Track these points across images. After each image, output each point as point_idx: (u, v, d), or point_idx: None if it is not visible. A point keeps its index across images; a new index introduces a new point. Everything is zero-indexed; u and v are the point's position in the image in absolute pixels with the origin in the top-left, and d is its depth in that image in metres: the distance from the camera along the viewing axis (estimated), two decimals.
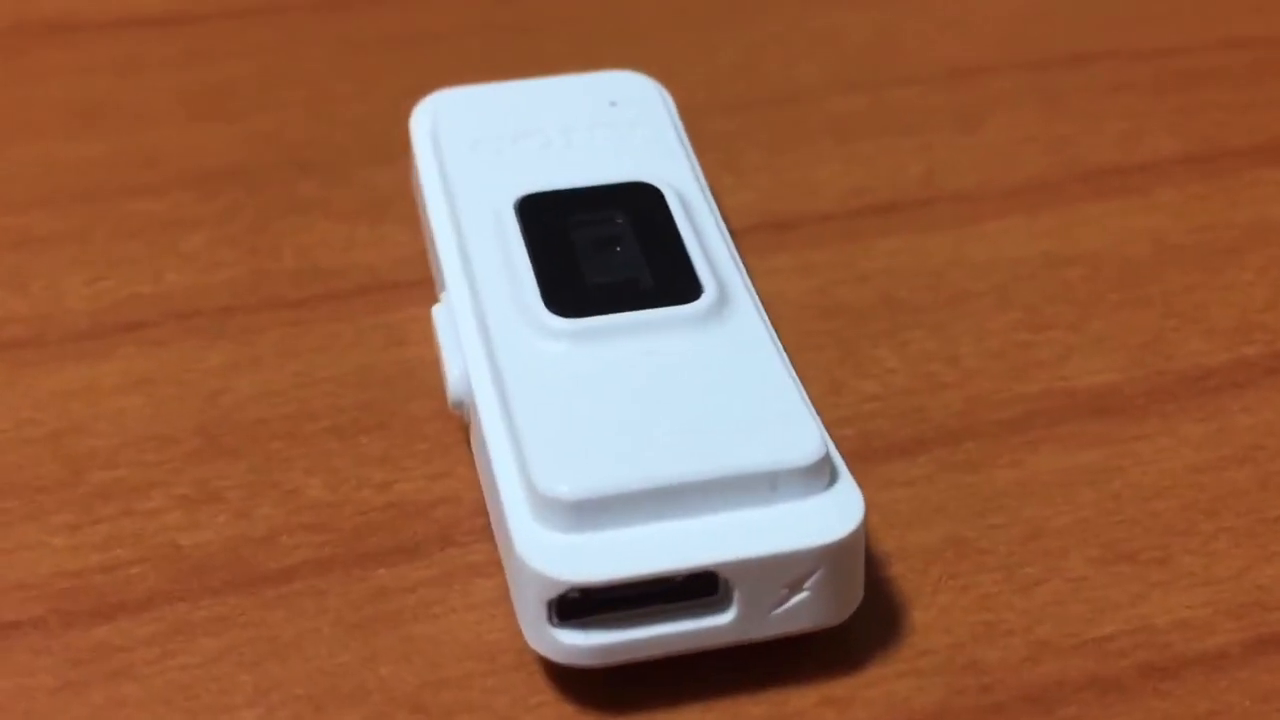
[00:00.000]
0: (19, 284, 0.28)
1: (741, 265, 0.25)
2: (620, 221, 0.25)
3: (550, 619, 0.21)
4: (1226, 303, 0.28)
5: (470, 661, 0.22)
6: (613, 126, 0.28)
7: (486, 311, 0.24)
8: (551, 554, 0.21)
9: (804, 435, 0.22)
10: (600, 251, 0.25)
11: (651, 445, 0.22)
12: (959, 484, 0.25)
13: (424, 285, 0.29)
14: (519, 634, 0.22)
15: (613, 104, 0.28)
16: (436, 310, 0.26)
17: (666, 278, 0.24)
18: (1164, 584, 0.23)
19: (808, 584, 0.21)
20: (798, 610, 0.22)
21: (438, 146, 0.27)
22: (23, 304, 0.28)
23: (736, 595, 0.21)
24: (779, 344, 0.24)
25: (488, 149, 0.27)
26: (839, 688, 0.22)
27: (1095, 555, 0.24)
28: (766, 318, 0.24)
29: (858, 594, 0.22)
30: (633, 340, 0.23)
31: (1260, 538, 0.24)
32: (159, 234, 0.29)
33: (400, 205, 0.30)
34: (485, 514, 0.24)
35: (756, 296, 0.25)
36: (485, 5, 0.36)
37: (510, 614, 0.23)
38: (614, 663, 0.21)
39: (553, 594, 0.21)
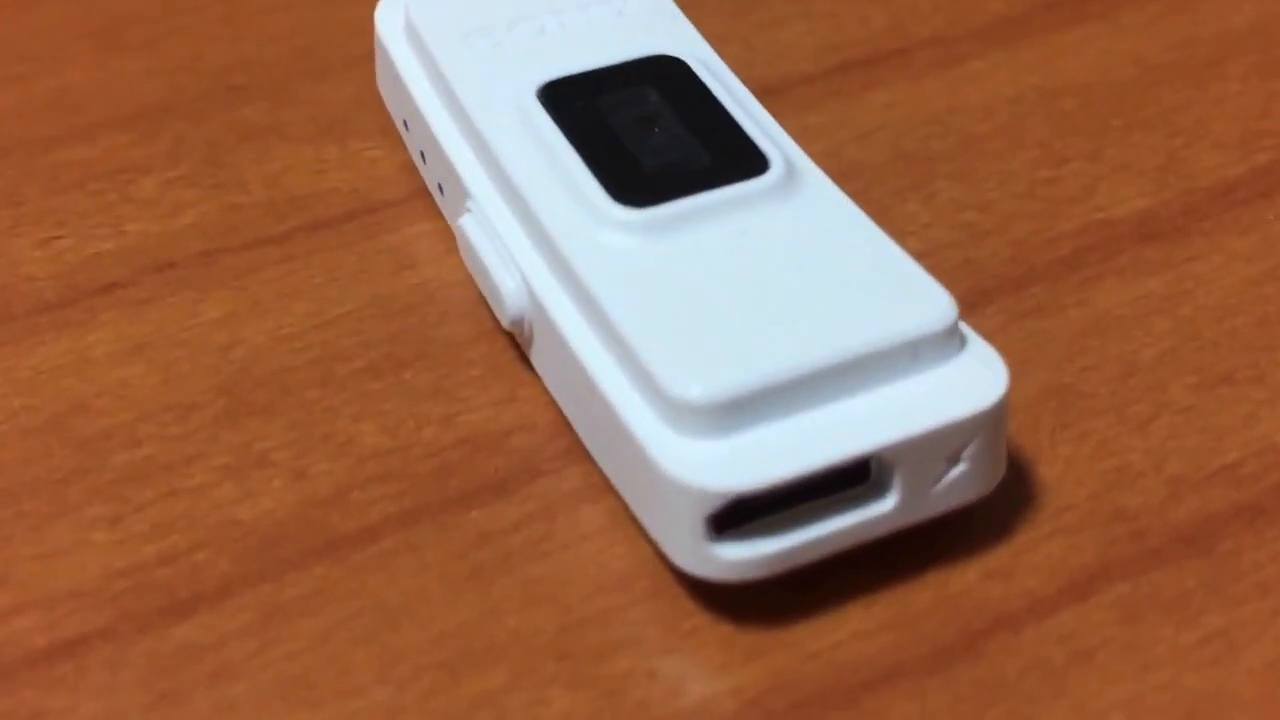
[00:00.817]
0: None
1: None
2: (654, 98, 0.22)
3: (708, 535, 0.18)
4: (1224, 115, 0.26)
5: (603, 596, 0.19)
6: (605, 3, 0.24)
7: (535, 214, 0.21)
8: (701, 464, 0.18)
9: (934, 298, 0.19)
10: (645, 132, 0.21)
11: (778, 331, 0.19)
12: (1035, 331, 0.23)
13: (416, 200, 0.25)
14: (647, 558, 0.19)
15: None
16: (466, 222, 0.22)
17: (726, 152, 0.21)
18: (1269, 401, 0.22)
19: (965, 455, 0.19)
20: (956, 485, 0.19)
21: (419, 44, 0.23)
22: None
23: (897, 477, 0.18)
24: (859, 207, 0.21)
25: (481, 41, 0.23)
26: (994, 559, 0.20)
27: (1194, 382, 0.22)
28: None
29: (1004, 458, 0.20)
30: (712, 223, 0.20)
31: None
32: (103, 183, 0.25)
33: (362, 118, 0.26)
34: (566, 435, 0.21)
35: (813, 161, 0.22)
36: None
37: (630, 538, 0.20)
38: (777, 573, 0.19)
39: (712, 507, 0.18)
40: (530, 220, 0.21)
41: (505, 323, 0.21)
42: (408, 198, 0.25)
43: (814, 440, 0.18)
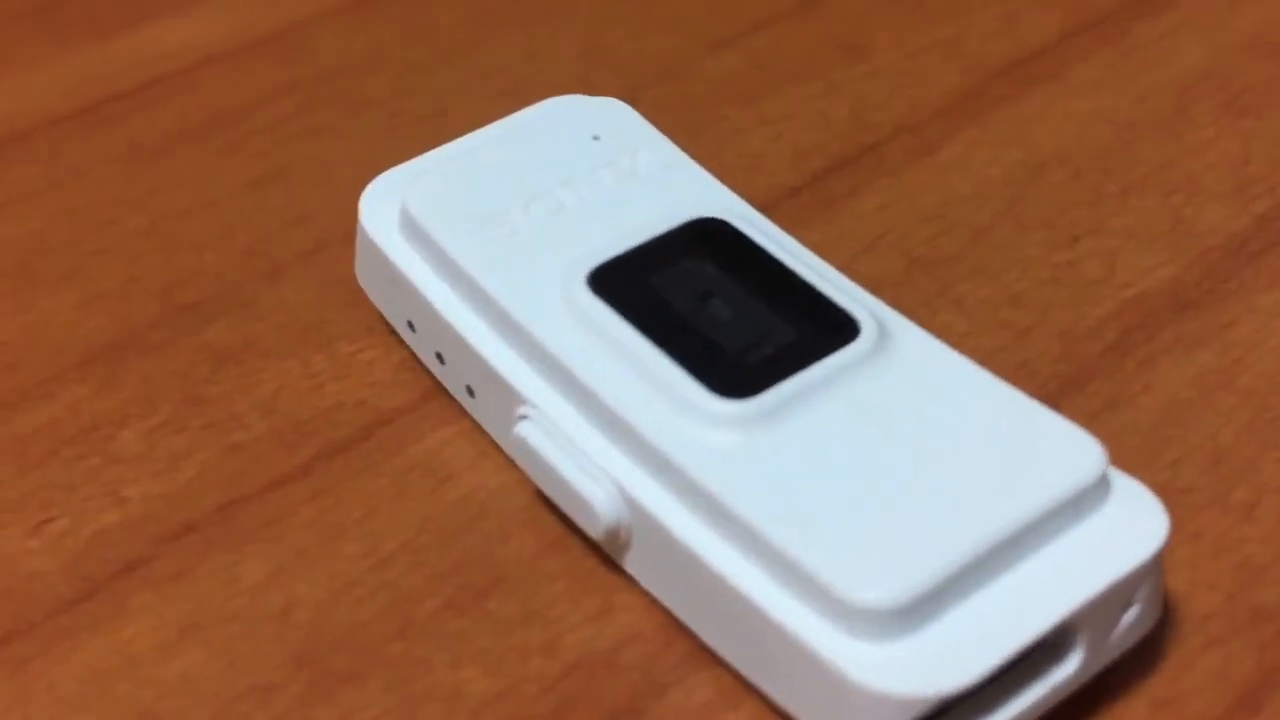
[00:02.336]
0: None
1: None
2: (711, 269, 0.22)
3: None
4: (1210, 165, 0.28)
5: None
6: (613, 165, 0.24)
7: (620, 416, 0.20)
8: (895, 670, 0.18)
9: (1080, 445, 0.20)
10: (715, 310, 0.21)
11: (933, 514, 0.19)
12: (1114, 430, 0.23)
13: (430, 401, 0.24)
14: None
15: (595, 138, 0.24)
16: (527, 431, 0.21)
17: (809, 319, 0.21)
18: None
19: (1137, 598, 0.19)
20: (1130, 629, 0.19)
21: (424, 239, 0.23)
22: None
23: (1080, 638, 0.19)
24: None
25: (497, 229, 0.23)
26: (1157, 687, 0.20)
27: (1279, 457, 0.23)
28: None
29: (1164, 589, 0.20)
30: (819, 402, 0.20)
31: None
32: (79, 446, 0.23)
33: (338, 317, 0.25)
34: (681, 639, 0.21)
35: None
36: (263, 63, 0.31)
37: None
38: None
39: (915, 715, 0.18)
40: (613, 423, 0.20)
41: (596, 534, 0.21)
42: (420, 400, 0.24)
43: (1001, 623, 0.18)
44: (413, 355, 0.24)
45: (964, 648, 0.18)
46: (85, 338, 0.25)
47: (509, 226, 0.22)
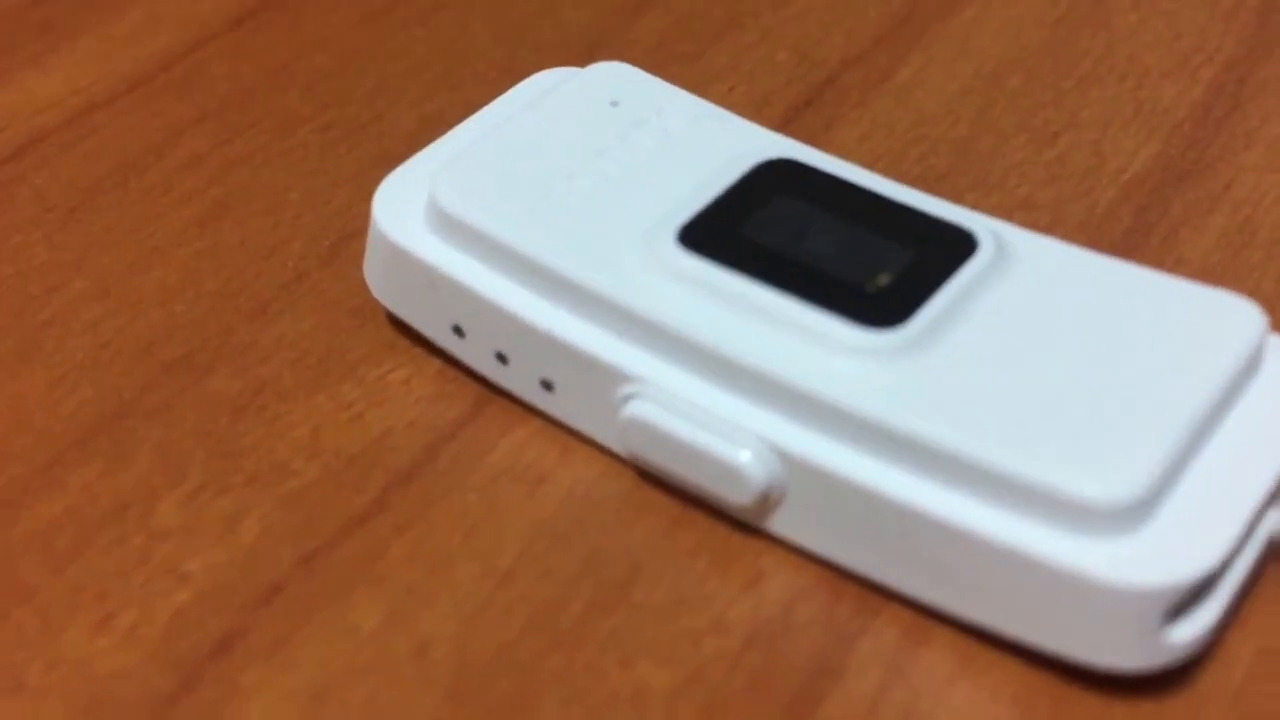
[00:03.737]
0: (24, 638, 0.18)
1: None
2: (801, 208, 0.20)
3: (1163, 626, 0.17)
4: (1147, 48, 0.27)
5: None
6: (642, 125, 0.22)
7: (762, 370, 0.18)
8: (1143, 560, 0.17)
9: (1235, 308, 0.19)
10: (824, 247, 0.20)
11: (1125, 402, 0.18)
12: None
13: (488, 408, 0.21)
14: (1021, 675, 0.18)
15: (614, 104, 0.22)
16: (640, 409, 0.19)
17: (922, 237, 0.20)
18: None
19: None
20: None
21: (462, 231, 0.20)
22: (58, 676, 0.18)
23: None
24: None
25: (547, 209, 0.20)
26: None
27: None
28: None
29: None
30: (966, 316, 0.19)
31: None
32: (113, 530, 0.20)
33: (351, 342, 0.22)
34: (848, 587, 0.19)
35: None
36: (156, 100, 0.27)
37: (995, 661, 0.18)
38: (1217, 632, 0.18)
39: (1173, 599, 0.17)
40: (750, 379, 0.18)
41: (746, 499, 0.19)
42: (475, 409, 0.21)
43: (1224, 492, 0.17)
44: (450, 364, 0.22)
45: (1199, 524, 0.17)
46: (72, 416, 0.22)
47: (559, 205, 0.20)
